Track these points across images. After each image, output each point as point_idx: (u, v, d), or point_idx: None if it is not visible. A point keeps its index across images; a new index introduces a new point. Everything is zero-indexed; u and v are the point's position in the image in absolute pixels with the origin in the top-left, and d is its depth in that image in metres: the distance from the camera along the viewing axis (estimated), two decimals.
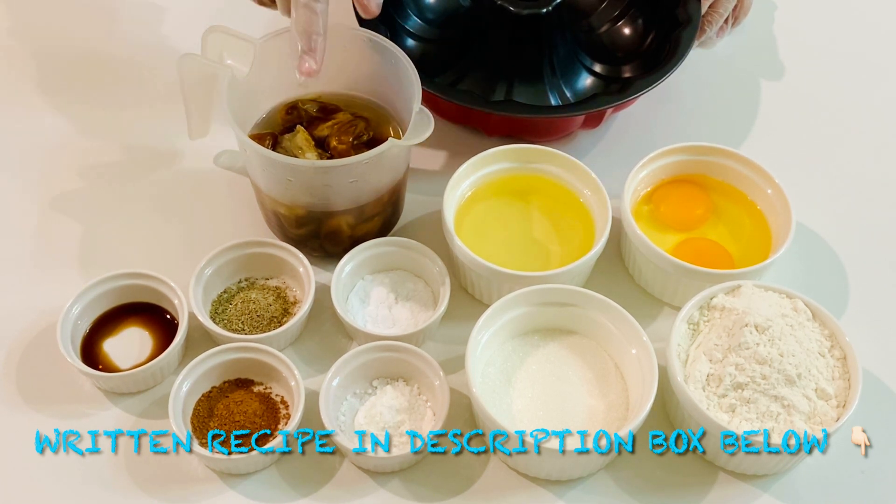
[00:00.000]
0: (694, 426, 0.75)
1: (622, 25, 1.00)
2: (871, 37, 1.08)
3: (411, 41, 0.98)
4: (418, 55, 0.94)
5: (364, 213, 0.83)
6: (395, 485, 0.75)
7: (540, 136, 0.92)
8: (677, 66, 0.90)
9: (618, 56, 0.98)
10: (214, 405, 0.77)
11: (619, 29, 1.00)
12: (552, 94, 0.94)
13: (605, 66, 0.98)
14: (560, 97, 0.95)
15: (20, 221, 0.89)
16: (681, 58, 0.91)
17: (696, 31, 0.93)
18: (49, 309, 0.81)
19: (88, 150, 0.94)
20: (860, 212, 0.93)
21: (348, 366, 0.77)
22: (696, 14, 0.94)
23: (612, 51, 0.99)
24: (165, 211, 0.90)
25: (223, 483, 0.75)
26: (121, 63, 1.01)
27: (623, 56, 0.98)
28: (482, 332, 0.77)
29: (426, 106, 0.78)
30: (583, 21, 1.01)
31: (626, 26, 1.00)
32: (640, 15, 0.99)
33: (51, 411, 0.78)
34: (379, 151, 0.77)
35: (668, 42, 0.93)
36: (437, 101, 0.87)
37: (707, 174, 0.89)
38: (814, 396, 0.74)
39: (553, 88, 0.94)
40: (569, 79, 0.96)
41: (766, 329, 0.75)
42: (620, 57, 0.98)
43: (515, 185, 0.88)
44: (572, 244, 0.85)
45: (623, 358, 0.78)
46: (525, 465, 0.75)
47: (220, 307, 0.82)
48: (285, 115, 0.86)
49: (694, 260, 0.81)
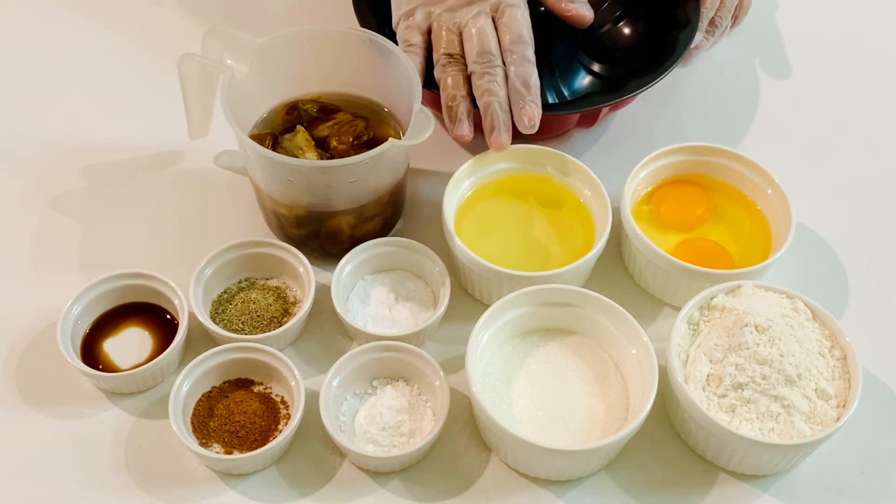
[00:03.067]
0: (694, 426, 0.75)
1: (623, 26, 1.00)
2: (871, 37, 1.08)
3: None
4: None
5: (364, 213, 0.83)
6: (395, 485, 0.75)
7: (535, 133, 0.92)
8: (672, 68, 0.90)
9: (617, 56, 0.98)
10: (214, 405, 0.77)
11: (620, 29, 1.00)
12: (549, 93, 0.94)
13: (604, 66, 0.98)
14: (557, 96, 0.95)
15: (20, 221, 0.89)
16: (676, 59, 0.91)
17: (694, 32, 0.94)
18: (49, 309, 0.81)
19: (88, 150, 0.94)
20: (860, 212, 0.93)
21: (348, 366, 0.77)
22: (694, 16, 0.95)
23: (611, 51, 0.99)
24: (165, 211, 0.90)
25: (223, 483, 0.75)
26: (121, 63, 1.01)
27: (622, 56, 0.98)
28: (482, 332, 0.77)
29: (427, 104, 0.78)
30: None
31: (627, 27, 1.00)
32: (640, 16, 0.99)
33: (51, 411, 0.78)
34: (379, 151, 0.77)
35: (665, 43, 0.93)
36: (436, 99, 0.87)
37: (707, 174, 0.89)
38: (814, 396, 0.74)
39: (551, 87, 0.95)
40: (567, 78, 0.96)
41: (767, 329, 0.75)
42: (619, 57, 0.98)
43: (516, 186, 0.88)
44: (572, 244, 0.85)
45: (623, 358, 0.78)
46: (525, 466, 0.75)
47: (220, 307, 0.82)
48: (285, 115, 0.86)
49: (694, 260, 0.81)
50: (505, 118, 0.82)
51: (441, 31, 0.85)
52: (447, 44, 0.85)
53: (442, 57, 0.84)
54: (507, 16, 0.84)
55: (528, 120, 0.82)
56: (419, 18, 0.86)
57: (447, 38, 0.85)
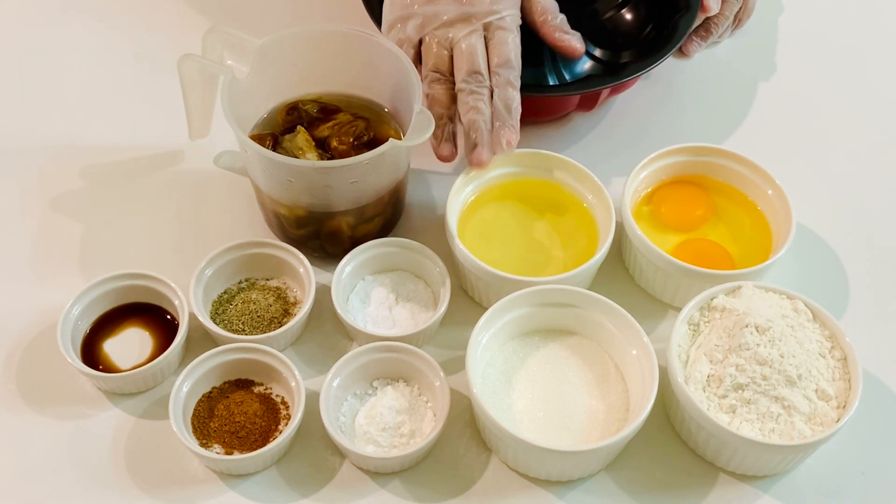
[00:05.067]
0: (694, 427, 0.75)
1: (626, 12, 1.00)
2: (872, 38, 1.08)
3: None
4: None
5: (364, 213, 0.83)
6: (395, 485, 0.75)
7: (533, 115, 0.92)
8: (671, 52, 0.91)
9: (619, 42, 0.99)
10: (215, 406, 0.77)
11: (622, 15, 1.00)
12: (551, 76, 0.95)
13: (606, 52, 0.98)
14: (558, 78, 0.95)
15: (20, 222, 0.89)
16: (676, 44, 0.92)
17: (694, 17, 0.95)
18: (49, 309, 0.81)
19: (88, 150, 0.94)
20: (860, 212, 0.93)
21: (349, 366, 0.77)
22: (695, 2, 0.95)
23: (613, 36, 0.99)
24: (165, 211, 0.90)
25: (223, 483, 0.75)
26: (121, 63, 1.01)
27: (624, 42, 0.99)
28: (483, 332, 0.77)
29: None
30: (587, 7, 1.01)
31: (629, 12, 1.00)
32: (642, 1, 1.00)
33: (51, 411, 0.78)
34: (379, 152, 0.76)
35: (665, 28, 0.94)
36: None
37: (707, 175, 0.89)
38: (814, 397, 0.74)
39: (552, 71, 0.95)
40: (568, 62, 0.96)
41: (767, 330, 0.75)
42: (621, 42, 0.99)
43: (519, 190, 0.88)
44: (575, 249, 0.85)
45: (623, 359, 0.78)
46: (525, 466, 0.75)
47: (220, 308, 0.82)
48: (286, 115, 0.86)
49: (694, 261, 0.81)
50: (488, 137, 0.83)
51: (432, 46, 0.85)
52: (437, 60, 0.85)
53: (430, 73, 0.85)
54: (498, 38, 0.85)
55: (506, 143, 0.83)
56: (410, 30, 0.86)
57: (438, 54, 0.85)
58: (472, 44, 0.84)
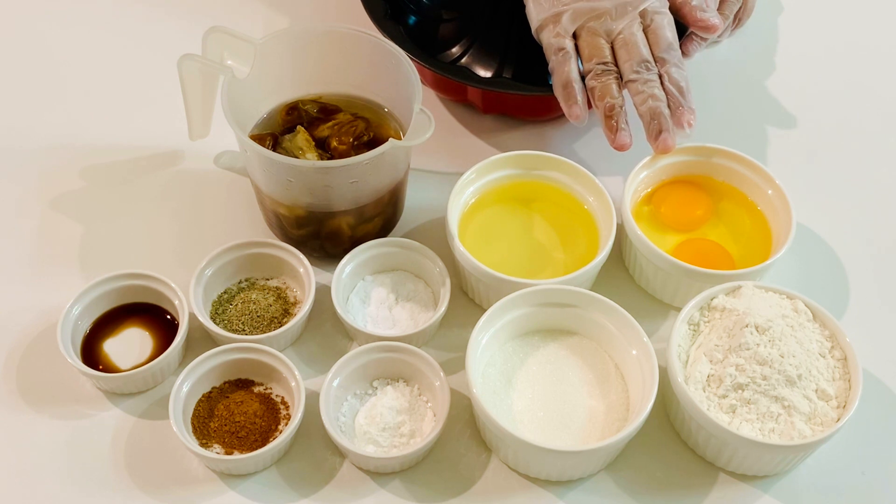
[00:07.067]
0: (694, 427, 0.75)
1: None
2: (872, 38, 1.08)
3: (414, 18, 0.98)
4: (422, 32, 0.95)
5: (364, 213, 0.83)
6: (395, 485, 0.75)
7: (533, 115, 0.92)
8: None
9: None
10: (215, 406, 0.77)
11: None
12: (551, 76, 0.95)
13: None
14: None
15: (20, 222, 0.89)
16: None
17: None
18: (49, 309, 0.81)
19: (88, 150, 0.94)
20: (860, 212, 0.93)
21: (348, 366, 0.77)
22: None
23: None
24: (165, 211, 0.90)
25: (223, 483, 0.75)
26: (121, 63, 1.01)
27: None
28: (483, 332, 0.77)
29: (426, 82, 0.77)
30: None
31: None
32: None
33: (51, 411, 0.78)
34: (379, 152, 0.76)
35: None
36: (436, 78, 0.87)
37: (707, 175, 0.89)
38: (814, 397, 0.74)
39: None
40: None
41: (767, 330, 0.75)
42: None
43: (520, 192, 0.88)
44: (576, 251, 0.84)
45: (623, 359, 0.78)
46: (525, 466, 0.75)
47: (220, 308, 0.82)
48: (286, 115, 0.86)
49: (694, 261, 0.81)
50: (670, 122, 0.84)
51: (592, 39, 0.85)
52: (600, 52, 0.85)
53: (596, 66, 0.85)
54: (657, 23, 0.86)
55: (687, 124, 0.84)
56: (566, 23, 0.86)
57: (600, 46, 0.85)
58: (634, 33, 0.85)
